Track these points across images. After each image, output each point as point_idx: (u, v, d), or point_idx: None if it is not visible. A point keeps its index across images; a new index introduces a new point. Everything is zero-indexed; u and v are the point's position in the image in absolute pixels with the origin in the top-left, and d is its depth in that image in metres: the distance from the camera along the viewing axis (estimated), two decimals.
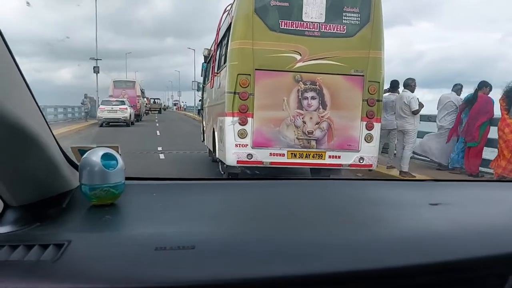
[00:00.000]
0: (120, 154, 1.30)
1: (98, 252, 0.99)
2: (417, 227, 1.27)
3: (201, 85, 13.49)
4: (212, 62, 9.50)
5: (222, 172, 7.75)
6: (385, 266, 1.02)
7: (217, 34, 8.94)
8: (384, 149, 10.35)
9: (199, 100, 14.10)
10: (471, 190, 1.93)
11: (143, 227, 1.18)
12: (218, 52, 8.68)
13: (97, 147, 1.28)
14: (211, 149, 9.13)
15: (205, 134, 11.17)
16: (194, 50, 16.46)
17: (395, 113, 9.64)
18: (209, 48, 12.03)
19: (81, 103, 33.07)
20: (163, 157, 12.20)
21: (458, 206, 1.53)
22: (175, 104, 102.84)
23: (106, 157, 1.23)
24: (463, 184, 2.19)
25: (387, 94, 9.82)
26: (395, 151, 10.26)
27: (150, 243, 1.01)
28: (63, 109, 32.90)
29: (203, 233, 1.12)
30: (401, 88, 9.91)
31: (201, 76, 13.44)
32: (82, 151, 1.28)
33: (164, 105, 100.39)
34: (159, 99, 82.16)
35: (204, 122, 11.59)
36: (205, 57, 12.34)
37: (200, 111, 13.32)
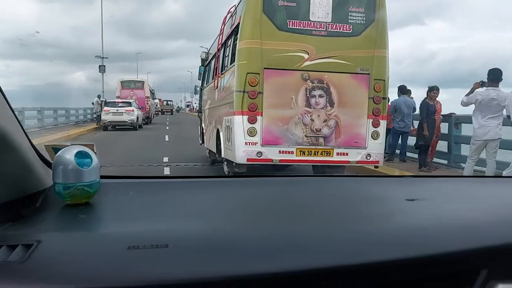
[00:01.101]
0: (95, 153, 1.27)
1: (68, 252, 0.96)
2: (393, 223, 1.29)
3: (198, 88, 13.54)
4: (215, 64, 9.57)
5: (228, 172, 7.81)
6: (359, 262, 1.02)
7: (221, 35, 9.01)
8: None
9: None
10: (447, 185, 1.94)
11: (116, 226, 1.17)
12: (222, 53, 8.73)
13: (72, 145, 1.25)
14: (213, 151, 9.20)
15: (205, 136, 11.20)
16: (207, 48, 16.02)
17: (498, 115, 7.51)
18: (207, 51, 12.13)
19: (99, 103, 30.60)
20: (168, 173, 10.54)
21: (433, 202, 1.53)
22: (187, 106, 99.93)
23: (80, 155, 1.20)
24: (440, 180, 2.17)
25: (482, 89, 7.79)
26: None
27: (122, 242, 0.98)
28: (64, 112, 29.93)
29: (178, 231, 1.10)
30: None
31: (199, 79, 13.47)
32: (56, 149, 1.25)
33: (178, 107, 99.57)
34: (171, 101, 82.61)
35: (203, 124, 11.60)
36: (203, 60, 12.41)
37: (199, 114, 13.03)
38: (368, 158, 6.95)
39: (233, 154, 6.96)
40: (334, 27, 6.69)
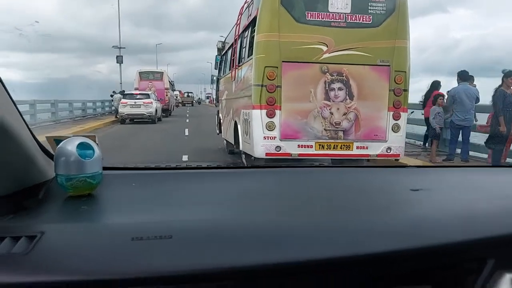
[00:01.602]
0: (97, 144, 1.27)
1: (72, 244, 0.96)
2: (398, 213, 1.29)
3: (215, 78, 13.54)
4: (232, 55, 9.52)
5: (246, 164, 7.71)
6: (366, 252, 1.02)
7: (238, 26, 8.94)
8: None
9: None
10: (451, 176, 1.92)
11: (120, 217, 1.17)
12: (239, 45, 8.67)
13: (73, 136, 1.24)
14: (231, 142, 9.21)
15: (222, 127, 11.19)
16: (224, 37, 15.26)
17: None
18: (223, 40, 12.12)
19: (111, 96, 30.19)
20: None
21: (438, 192, 1.53)
22: (208, 97, 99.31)
23: (82, 146, 1.20)
24: (443, 170, 2.16)
25: None
26: None
27: (126, 233, 0.99)
28: (81, 104, 28.15)
29: (182, 222, 1.10)
30: None
31: (215, 68, 13.51)
32: (58, 141, 1.25)
33: (199, 98, 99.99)
34: (192, 92, 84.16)
35: (221, 115, 11.58)
36: (219, 50, 12.44)
37: (216, 104, 13.09)
38: (389, 151, 6.85)
39: (251, 148, 6.93)
40: (353, 18, 6.56)
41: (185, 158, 10.48)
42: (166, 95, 33.97)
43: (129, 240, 0.96)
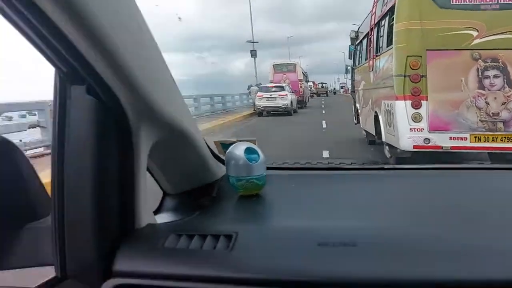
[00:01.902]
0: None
1: (263, 244, 1.01)
2: None
3: (349, 68, 13.36)
4: (368, 45, 9.28)
5: (389, 156, 7.55)
6: None
7: (373, 15, 8.69)
8: None
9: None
10: None
11: (298, 219, 1.18)
12: (375, 34, 8.41)
13: (238, 141, 1.36)
14: (372, 133, 9.03)
15: (360, 117, 10.99)
16: (357, 26, 14.69)
17: None
18: (357, 30, 11.90)
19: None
20: None
21: None
22: (342, 87, 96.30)
23: (248, 151, 1.31)
24: None
25: None
26: None
27: (312, 238, 1.00)
28: (221, 98, 29.17)
29: (363, 229, 1.06)
30: None
31: (349, 58, 13.26)
32: (223, 145, 1.42)
33: (334, 88, 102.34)
34: (325, 83, 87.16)
35: (358, 105, 11.37)
36: (352, 39, 12.22)
37: (352, 93, 12.89)
38: None
39: (396, 140, 6.69)
40: None
41: (325, 154, 9.55)
42: (300, 86, 33.98)
43: (315, 245, 0.97)
